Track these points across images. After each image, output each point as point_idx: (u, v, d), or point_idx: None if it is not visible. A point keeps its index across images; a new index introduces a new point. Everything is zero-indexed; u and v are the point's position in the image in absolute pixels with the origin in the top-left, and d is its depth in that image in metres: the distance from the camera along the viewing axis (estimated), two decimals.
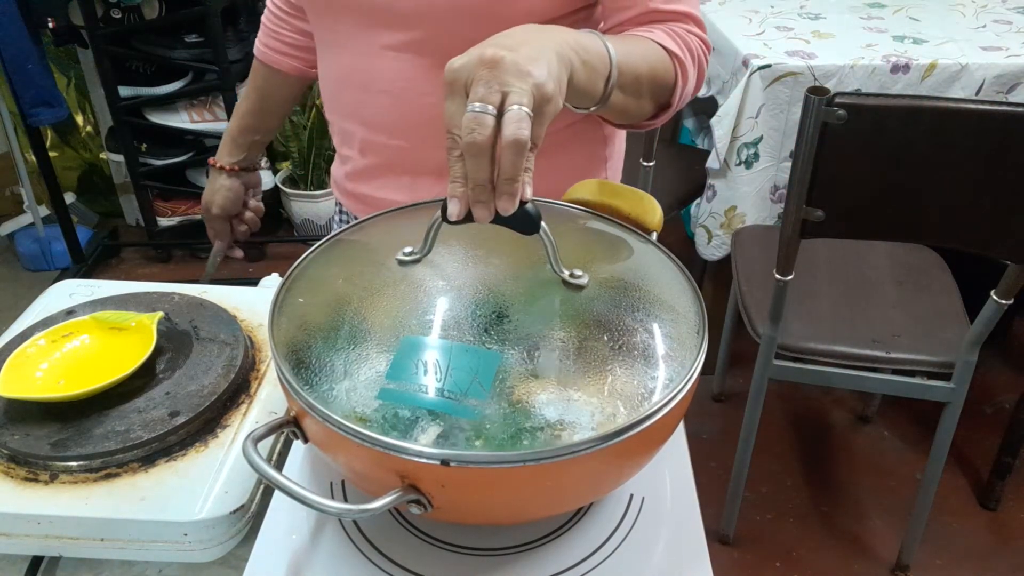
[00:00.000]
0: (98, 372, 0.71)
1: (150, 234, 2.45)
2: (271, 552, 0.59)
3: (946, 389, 1.33)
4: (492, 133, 0.50)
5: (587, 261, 0.63)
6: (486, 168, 0.51)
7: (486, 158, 0.51)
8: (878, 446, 1.84)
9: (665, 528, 0.61)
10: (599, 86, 0.64)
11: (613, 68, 0.64)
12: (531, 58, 0.52)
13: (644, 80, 0.69)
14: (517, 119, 0.50)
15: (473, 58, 0.52)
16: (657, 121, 0.76)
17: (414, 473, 0.50)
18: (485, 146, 0.50)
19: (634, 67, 0.67)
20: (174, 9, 2.14)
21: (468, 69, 0.52)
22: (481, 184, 0.52)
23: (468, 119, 0.50)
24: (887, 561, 1.57)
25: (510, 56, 0.51)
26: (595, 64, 0.62)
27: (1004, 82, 1.60)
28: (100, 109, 2.46)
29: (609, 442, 0.50)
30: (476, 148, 0.50)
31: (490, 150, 0.50)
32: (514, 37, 0.55)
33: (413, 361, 0.54)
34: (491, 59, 0.51)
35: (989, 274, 1.26)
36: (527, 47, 0.53)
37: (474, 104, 0.50)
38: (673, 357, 0.56)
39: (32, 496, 0.65)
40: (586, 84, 0.61)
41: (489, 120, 0.50)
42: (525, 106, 0.50)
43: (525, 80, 0.51)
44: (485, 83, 0.51)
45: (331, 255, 0.67)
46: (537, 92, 0.51)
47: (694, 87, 0.76)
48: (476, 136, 0.50)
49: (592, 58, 0.61)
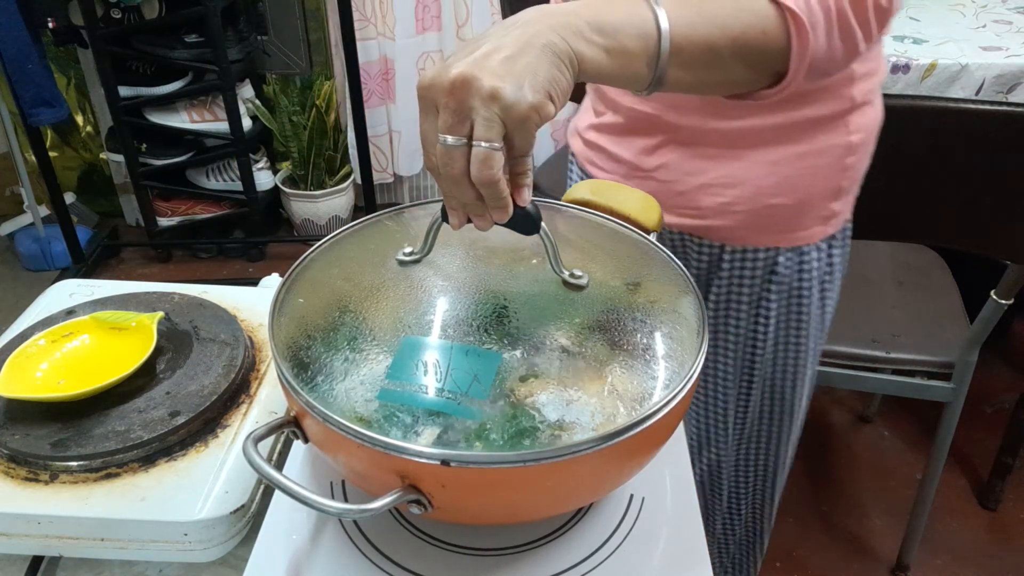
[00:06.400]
0: (98, 372, 0.71)
1: (150, 234, 2.45)
2: (271, 552, 0.59)
3: (946, 389, 1.33)
4: (464, 165, 0.49)
5: (587, 261, 0.63)
6: (470, 193, 0.51)
7: (466, 185, 0.50)
8: (878, 446, 1.84)
9: (665, 528, 0.61)
10: (637, 68, 0.56)
11: (663, 45, 0.55)
12: (502, 73, 0.48)
13: (723, 49, 0.58)
14: (481, 159, 0.49)
15: (440, 79, 0.49)
16: (778, 90, 0.63)
17: (414, 473, 0.50)
18: (460, 178, 0.50)
19: (704, 37, 0.57)
20: (174, 9, 2.14)
21: (435, 90, 0.49)
22: (470, 203, 0.52)
23: (440, 152, 0.50)
24: (887, 561, 1.57)
25: (477, 76, 0.48)
26: (626, 46, 0.54)
27: (1004, 82, 1.60)
28: (100, 109, 2.46)
29: (609, 442, 0.50)
30: (452, 180, 0.50)
31: (466, 179, 0.50)
32: (495, 37, 0.50)
33: (413, 361, 0.54)
34: (456, 82, 0.48)
35: (989, 274, 1.26)
36: (504, 51, 0.49)
37: (445, 137, 0.49)
38: (673, 357, 0.56)
39: (32, 496, 0.65)
40: (614, 69, 0.55)
41: (458, 154, 0.49)
42: (490, 140, 0.48)
43: (490, 106, 0.48)
44: (452, 112, 0.49)
45: (331, 255, 0.67)
46: (506, 115, 0.48)
47: (830, 47, 0.61)
48: (450, 170, 0.50)
49: (621, 40, 0.54)
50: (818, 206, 0.83)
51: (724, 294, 0.90)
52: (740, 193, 0.82)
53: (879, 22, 0.63)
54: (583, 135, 0.94)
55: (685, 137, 0.82)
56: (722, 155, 0.81)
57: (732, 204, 0.83)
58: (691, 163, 0.83)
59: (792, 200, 0.82)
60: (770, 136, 0.79)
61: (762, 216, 0.83)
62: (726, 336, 0.92)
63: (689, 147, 0.82)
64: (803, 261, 0.86)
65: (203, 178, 2.42)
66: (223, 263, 2.53)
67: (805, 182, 0.81)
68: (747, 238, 0.85)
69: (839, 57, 0.63)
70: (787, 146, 0.80)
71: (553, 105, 0.50)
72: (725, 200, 0.83)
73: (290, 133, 2.38)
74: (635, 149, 0.86)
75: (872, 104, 0.82)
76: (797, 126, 0.79)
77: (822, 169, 0.81)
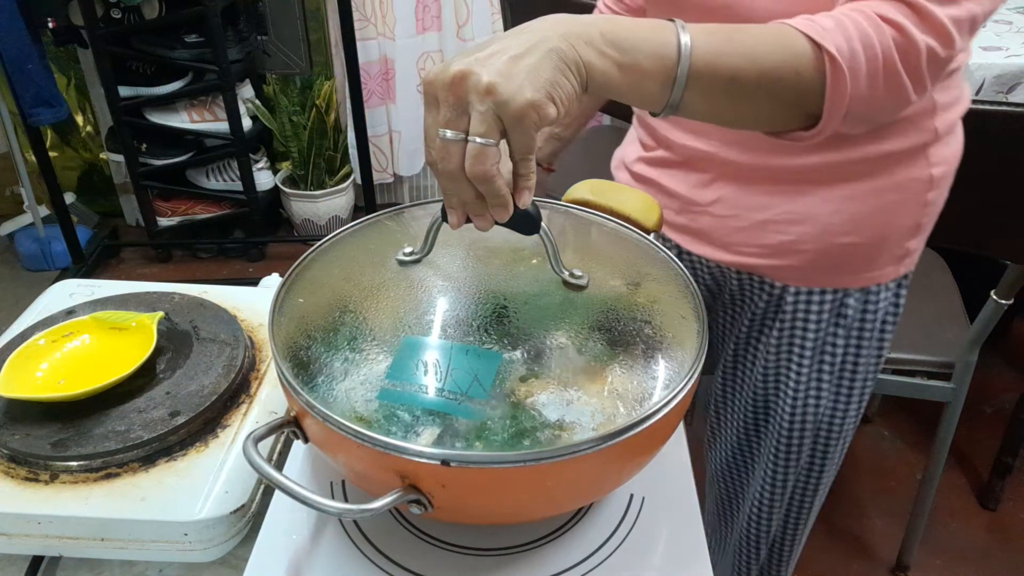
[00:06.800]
0: (98, 372, 0.71)
1: (150, 234, 2.45)
2: (271, 552, 0.59)
3: (946, 389, 1.33)
4: (460, 160, 0.49)
5: (587, 261, 0.63)
6: (468, 190, 0.51)
7: (464, 182, 0.51)
8: (878, 446, 1.84)
9: (665, 528, 0.61)
10: (651, 89, 0.54)
11: (680, 69, 0.54)
12: (503, 70, 0.48)
13: (748, 83, 0.56)
14: (474, 155, 0.49)
15: (442, 75, 0.49)
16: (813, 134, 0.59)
17: (414, 473, 0.50)
18: (457, 173, 0.50)
19: (730, 68, 0.55)
20: (174, 9, 2.14)
21: (437, 85, 0.50)
22: (469, 202, 0.52)
23: (438, 146, 0.50)
24: (887, 561, 1.57)
25: (476, 71, 0.48)
26: (640, 64, 0.53)
27: (1004, 82, 1.60)
28: (100, 109, 2.46)
29: (609, 442, 0.50)
30: (450, 176, 0.50)
31: (463, 174, 0.50)
32: (505, 40, 0.50)
33: (413, 361, 0.54)
34: (456, 77, 0.48)
35: (989, 274, 1.26)
36: (510, 52, 0.49)
37: (444, 132, 0.49)
38: (673, 357, 0.56)
39: (32, 496, 0.65)
40: (626, 86, 0.54)
41: (455, 149, 0.49)
42: (484, 136, 0.48)
43: (485, 101, 0.48)
44: (450, 106, 0.49)
45: (331, 255, 0.67)
46: (501, 110, 0.48)
47: (873, 95, 0.58)
48: (447, 165, 0.50)
49: (636, 58, 0.53)
50: (893, 245, 0.77)
51: (786, 337, 0.83)
52: (806, 231, 0.76)
53: (933, 72, 0.59)
54: (631, 168, 0.89)
55: (745, 174, 0.77)
56: (785, 190, 0.76)
57: (797, 242, 0.77)
58: (751, 198, 0.78)
59: (865, 239, 0.76)
60: (844, 171, 0.74)
61: (830, 256, 0.77)
62: (787, 381, 0.86)
63: (749, 182, 0.77)
64: (869, 301, 0.81)
65: (203, 178, 2.42)
66: (223, 263, 2.53)
67: (880, 219, 0.75)
68: (813, 279, 0.79)
69: (885, 106, 0.60)
70: (862, 181, 0.74)
71: (555, 107, 0.50)
72: (789, 238, 0.77)
73: (290, 133, 2.37)
74: (689, 183, 0.81)
75: (955, 134, 0.77)
76: (874, 160, 0.73)
77: (900, 205, 0.75)
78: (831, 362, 0.84)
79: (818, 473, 0.93)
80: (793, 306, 0.81)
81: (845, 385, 0.86)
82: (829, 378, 0.85)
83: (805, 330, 0.82)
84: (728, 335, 0.91)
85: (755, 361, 0.88)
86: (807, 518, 0.99)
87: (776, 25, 0.57)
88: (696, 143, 0.78)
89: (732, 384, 0.93)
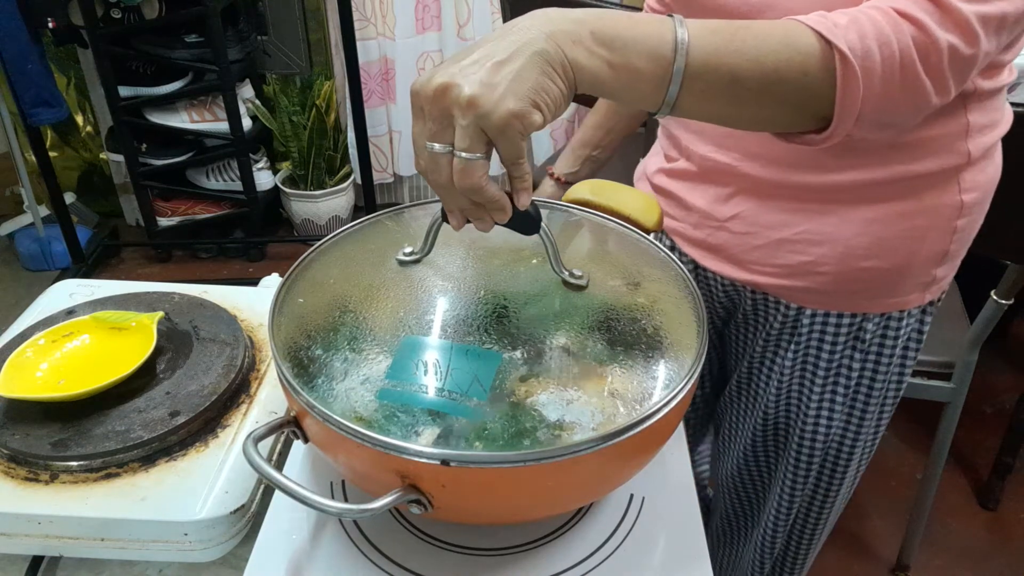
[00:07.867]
0: (98, 372, 0.71)
1: (150, 234, 2.45)
2: (271, 552, 0.59)
3: (946, 389, 1.32)
4: (450, 172, 0.50)
5: (587, 261, 0.63)
6: (462, 198, 0.51)
7: (455, 192, 0.51)
8: (878, 446, 1.84)
9: (665, 528, 0.61)
10: (645, 89, 0.52)
11: (676, 69, 0.51)
12: (484, 80, 0.47)
13: (750, 83, 0.53)
14: (460, 169, 0.49)
15: (426, 87, 0.49)
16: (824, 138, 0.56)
17: (414, 473, 0.50)
18: (447, 184, 0.50)
19: (730, 68, 0.52)
20: (174, 9, 2.14)
21: (422, 97, 0.49)
22: (466, 208, 0.53)
23: (427, 159, 0.50)
24: (887, 561, 1.57)
25: (458, 83, 0.47)
26: (633, 63, 0.51)
27: None
28: (100, 109, 2.46)
29: (609, 442, 0.50)
30: (440, 186, 0.51)
31: (454, 186, 0.50)
32: (490, 43, 0.49)
33: (413, 361, 0.54)
34: (438, 90, 0.48)
35: (989, 274, 1.26)
36: (493, 58, 0.48)
37: (432, 144, 0.49)
38: (673, 357, 0.56)
39: (32, 496, 0.65)
40: (617, 85, 0.52)
41: (444, 162, 0.50)
42: (468, 151, 0.48)
43: (467, 115, 0.47)
44: (435, 119, 0.49)
45: (331, 255, 0.67)
46: (484, 123, 0.47)
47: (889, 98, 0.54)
48: (437, 177, 0.50)
49: (629, 57, 0.51)
50: (918, 272, 0.75)
51: (801, 357, 0.82)
52: (826, 252, 0.74)
53: (956, 73, 0.55)
54: (652, 179, 0.88)
55: (767, 189, 0.75)
56: (807, 208, 0.73)
57: (816, 263, 0.74)
58: (771, 215, 0.75)
59: (888, 264, 0.73)
60: (869, 192, 0.71)
61: (851, 279, 0.74)
62: (799, 401, 0.85)
63: (770, 199, 0.75)
64: (889, 327, 0.78)
65: (203, 178, 2.42)
66: (223, 263, 2.53)
67: (905, 245, 0.72)
68: (831, 302, 0.77)
69: (903, 109, 0.56)
70: (888, 203, 0.71)
71: (540, 114, 0.49)
72: (808, 259, 0.75)
73: (290, 133, 2.37)
74: (708, 197, 0.79)
75: (991, 159, 0.73)
76: (902, 182, 0.70)
77: (927, 231, 0.72)
78: (845, 384, 0.82)
79: (824, 493, 0.92)
80: (809, 328, 0.80)
81: (859, 408, 0.85)
82: (843, 400, 0.83)
83: (820, 351, 0.81)
84: (742, 354, 0.89)
85: (769, 380, 0.86)
86: (814, 537, 0.98)
87: (785, 22, 0.54)
88: (717, 155, 0.76)
89: (744, 402, 0.92)
